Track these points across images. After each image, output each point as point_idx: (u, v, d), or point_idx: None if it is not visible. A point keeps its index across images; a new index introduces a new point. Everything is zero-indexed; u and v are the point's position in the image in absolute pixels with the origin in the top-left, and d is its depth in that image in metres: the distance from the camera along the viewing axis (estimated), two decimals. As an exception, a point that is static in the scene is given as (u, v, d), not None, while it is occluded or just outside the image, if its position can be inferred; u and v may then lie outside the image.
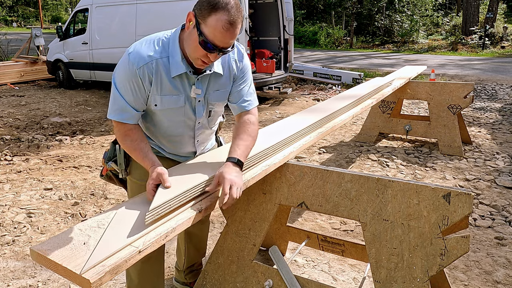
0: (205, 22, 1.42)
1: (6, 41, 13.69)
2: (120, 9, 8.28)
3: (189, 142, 1.81)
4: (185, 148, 1.84)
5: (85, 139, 5.58)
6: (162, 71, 1.56)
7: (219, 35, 1.42)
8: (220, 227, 3.16)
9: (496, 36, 18.48)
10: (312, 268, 2.64)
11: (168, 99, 1.62)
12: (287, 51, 8.45)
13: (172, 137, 1.78)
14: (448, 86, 4.73)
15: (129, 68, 1.54)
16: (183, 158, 1.87)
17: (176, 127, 1.73)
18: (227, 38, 1.43)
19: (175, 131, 1.74)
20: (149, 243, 1.24)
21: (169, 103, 1.63)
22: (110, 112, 1.63)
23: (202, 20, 1.42)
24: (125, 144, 1.63)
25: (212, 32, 1.42)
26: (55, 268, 1.14)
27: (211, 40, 1.43)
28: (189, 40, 1.50)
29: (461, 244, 1.58)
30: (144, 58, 1.53)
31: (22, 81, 10.45)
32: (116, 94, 1.58)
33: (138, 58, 1.53)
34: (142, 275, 1.93)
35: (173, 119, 1.70)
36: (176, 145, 1.81)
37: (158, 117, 1.69)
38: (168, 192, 1.43)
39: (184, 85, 1.63)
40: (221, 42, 1.44)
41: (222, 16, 1.40)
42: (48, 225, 3.19)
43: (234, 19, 1.41)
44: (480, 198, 3.59)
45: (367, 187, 1.78)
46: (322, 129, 2.47)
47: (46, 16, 37.72)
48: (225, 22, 1.40)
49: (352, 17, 22.14)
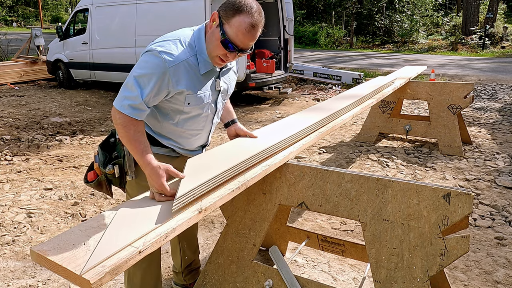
0: (228, 23, 1.50)
1: (6, 41, 13.69)
2: (120, 9, 8.28)
3: (205, 135, 1.92)
4: (200, 141, 1.92)
5: (85, 139, 5.58)
6: (192, 69, 1.62)
7: (241, 36, 1.51)
8: (220, 227, 3.16)
9: (496, 36, 18.48)
10: (312, 268, 2.64)
11: (199, 96, 1.68)
12: (287, 51, 8.45)
13: (193, 132, 1.82)
14: (448, 86, 4.73)
15: (161, 66, 1.53)
16: (194, 152, 1.93)
17: (199, 122, 1.80)
18: (247, 39, 1.52)
19: (198, 125, 1.81)
20: (149, 243, 1.24)
21: (199, 100, 1.69)
22: (121, 104, 1.55)
23: (226, 21, 1.51)
24: (128, 132, 1.54)
25: (235, 32, 1.50)
26: (55, 269, 1.14)
27: (233, 40, 1.51)
28: (211, 38, 1.58)
29: (461, 244, 1.58)
30: (177, 57, 1.56)
31: (22, 81, 10.45)
32: (135, 90, 1.53)
33: (171, 57, 1.54)
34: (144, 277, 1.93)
35: (198, 115, 1.76)
36: (193, 139, 1.86)
37: (185, 115, 1.72)
38: (191, 182, 1.48)
39: (211, 81, 1.72)
40: (242, 43, 1.52)
41: (246, 18, 1.49)
42: (48, 225, 3.19)
43: (257, 22, 1.51)
44: (480, 198, 3.59)
45: (367, 187, 1.78)
46: (322, 129, 2.47)
47: (46, 16, 37.72)
48: (248, 24, 1.49)
49: (352, 17, 22.14)
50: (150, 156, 1.55)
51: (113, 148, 1.82)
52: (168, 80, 1.56)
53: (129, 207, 1.44)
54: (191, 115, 1.74)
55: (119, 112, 1.56)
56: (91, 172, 1.85)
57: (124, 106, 1.54)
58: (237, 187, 1.62)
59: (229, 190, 1.59)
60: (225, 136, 5.72)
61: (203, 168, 1.63)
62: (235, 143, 1.99)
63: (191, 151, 1.92)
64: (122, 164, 1.78)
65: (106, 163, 1.79)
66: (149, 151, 1.57)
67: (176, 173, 1.55)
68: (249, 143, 1.98)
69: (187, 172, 1.59)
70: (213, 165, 1.66)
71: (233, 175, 1.68)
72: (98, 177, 1.82)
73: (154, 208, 1.43)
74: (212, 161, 1.72)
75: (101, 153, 1.82)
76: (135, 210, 1.42)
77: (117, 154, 1.80)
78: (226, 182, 1.63)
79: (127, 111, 1.54)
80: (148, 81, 1.53)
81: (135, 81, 1.53)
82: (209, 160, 1.74)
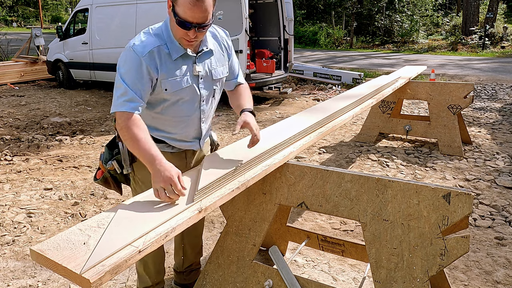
0: (176, 3, 1.56)
1: (6, 41, 13.69)
2: (120, 9, 8.28)
3: (196, 122, 1.90)
4: (192, 131, 1.91)
5: (85, 139, 5.58)
6: (165, 55, 1.67)
7: (189, 12, 1.54)
8: (220, 227, 3.16)
9: (496, 36, 18.47)
10: (312, 268, 2.64)
11: (175, 81, 1.71)
12: (287, 51, 8.44)
13: (181, 119, 1.84)
14: (448, 86, 4.73)
15: (135, 58, 1.61)
16: (189, 143, 1.94)
17: (184, 108, 1.81)
18: (197, 12, 1.54)
19: (184, 112, 1.82)
20: (149, 242, 1.24)
21: (177, 85, 1.72)
22: (116, 105, 1.61)
23: (175, 2, 1.56)
24: (130, 132, 1.57)
25: (183, 10, 1.54)
26: (55, 268, 1.14)
27: (184, 18, 1.56)
28: (171, 23, 1.66)
29: (461, 244, 1.58)
30: (147, 46, 1.64)
31: (22, 81, 10.45)
32: (123, 87, 1.61)
33: (141, 47, 1.63)
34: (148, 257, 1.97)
35: (183, 100, 1.78)
36: (184, 128, 1.88)
37: (168, 102, 1.76)
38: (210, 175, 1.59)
39: (187, 66, 1.74)
40: (193, 17, 1.55)
41: None
42: (48, 225, 3.19)
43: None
44: (480, 198, 3.59)
45: (367, 187, 1.78)
46: (322, 129, 2.47)
47: (46, 16, 37.71)
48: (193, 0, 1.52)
49: (352, 17, 22.13)
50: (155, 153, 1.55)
51: (116, 146, 1.91)
52: (147, 68, 1.62)
53: (129, 206, 1.44)
54: (172, 101, 1.76)
55: (117, 114, 1.61)
56: (99, 171, 1.95)
57: (119, 104, 1.60)
58: (237, 187, 1.62)
59: (229, 190, 1.60)
60: (225, 136, 5.72)
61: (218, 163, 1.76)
62: (240, 145, 2.01)
63: (185, 142, 1.92)
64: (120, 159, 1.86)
65: (107, 161, 1.89)
66: (154, 148, 1.56)
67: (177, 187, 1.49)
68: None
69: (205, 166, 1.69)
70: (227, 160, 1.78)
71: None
72: (103, 174, 1.92)
73: (154, 207, 1.43)
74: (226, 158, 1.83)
75: (107, 151, 1.91)
76: (135, 209, 1.42)
77: (117, 151, 1.89)
78: (229, 182, 1.64)
79: (123, 108, 1.59)
80: (131, 74, 1.61)
81: (120, 79, 1.62)
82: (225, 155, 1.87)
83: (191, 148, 1.96)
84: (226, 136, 5.75)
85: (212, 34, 1.87)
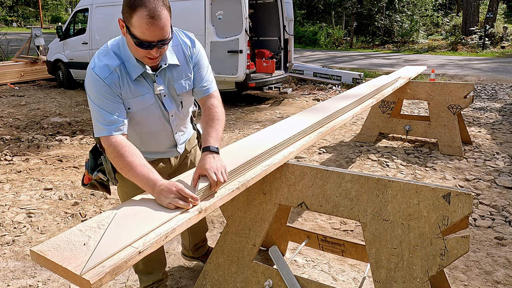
0: (131, 25, 1.46)
1: (6, 41, 13.69)
2: (120, 9, 8.27)
3: (168, 135, 1.86)
4: (166, 142, 1.88)
5: (85, 139, 5.58)
6: (124, 76, 1.61)
7: (147, 32, 1.45)
8: (220, 227, 3.16)
9: (496, 36, 18.46)
10: (312, 268, 2.64)
11: (138, 100, 1.66)
12: (287, 51, 8.44)
13: (152, 135, 1.82)
14: (448, 86, 4.73)
15: (98, 82, 1.57)
16: (165, 154, 1.93)
17: (153, 124, 1.77)
18: (155, 31, 1.46)
19: (153, 128, 1.79)
20: (149, 243, 1.24)
21: (140, 104, 1.67)
22: (98, 131, 1.58)
23: (129, 23, 1.47)
24: (124, 161, 1.51)
25: (140, 31, 1.45)
26: (55, 269, 1.14)
27: (143, 39, 1.47)
28: (129, 44, 1.56)
29: (461, 244, 1.58)
30: (107, 68, 1.58)
31: (22, 81, 10.45)
32: (98, 111, 1.58)
33: (102, 70, 1.57)
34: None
35: (149, 118, 1.74)
36: (156, 142, 1.86)
37: (135, 120, 1.72)
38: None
39: (148, 84, 1.68)
40: (152, 37, 1.47)
41: (142, 13, 1.43)
42: (48, 225, 3.19)
43: (154, 11, 1.43)
44: (480, 198, 3.59)
45: (367, 187, 1.78)
46: (322, 129, 2.47)
47: (46, 16, 37.70)
48: (147, 18, 1.43)
49: (352, 17, 22.13)
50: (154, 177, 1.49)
51: (99, 155, 1.87)
52: (111, 89, 1.58)
53: (129, 207, 1.44)
54: (138, 119, 1.72)
55: (102, 140, 1.57)
56: (86, 177, 1.95)
57: (101, 130, 1.57)
58: (237, 187, 1.62)
59: (229, 190, 1.60)
60: (225, 136, 5.72)
61: None
62: (240, 145, 2.00)
63: (160, 153, 1.91)
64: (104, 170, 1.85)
65: (93, 169, 1.87)
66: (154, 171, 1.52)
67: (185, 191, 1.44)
68: (251, 144, 1.99)
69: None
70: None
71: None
72: (90, 181, 1.92)
73: (154, 208, 1.43)
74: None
75: (92, 158, 1.88)
76: (135, 210, 1.42)
77: (101, 161, 1.86)
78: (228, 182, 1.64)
79: (105, 132, 1.56)
80: (100, 97, 1.57)
81: (93, 105, 1.60)
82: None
83: (169, 156, 1.95)
84: (226, 136, 5.75)
85: (175, 45, 1.74)
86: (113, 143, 1.54)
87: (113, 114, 1.57)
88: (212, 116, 1.76)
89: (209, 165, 1.55)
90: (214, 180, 1.51)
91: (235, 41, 7.08)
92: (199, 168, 1.56)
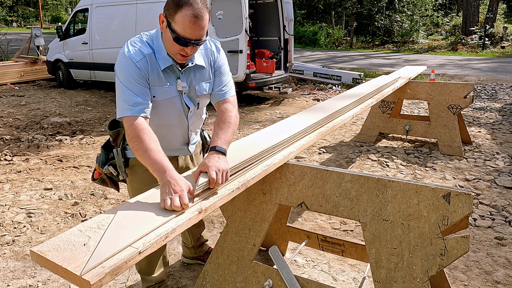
0: (174, 20, 1.56)
1: (6, 41, 13.68)
2: (120, 9, 8.27)
3: (183, 131, 1.93)
4: (180, 138, 1.95)
5: (85, 139, 5.58)
6: (155, 63, 1.71)
7: (188, 29, 1.56)
8: (220, 227, 3.16)
9: (496, 36, 18.46)
10: (312, 268, 2.64)
11: (163, 89, 1.75)
12: (287, 51, 8.44)
13: (169, 128, 1.87)
14: (448, 86, 4.73)
15: (130, 64, 1.65)
16: (177, 151, 1.98)
17: (172, 117, 1.84)
18: (196, 30, 1.57)
19: (172, 121, 1.85)
20: (149, 244, 1.24)
21: (164, 94, 1.76)
22: (122, 111, 1.62)
23: (171, 19, 1.57)
24: (141, 142, 1.54)
25: (182, 27, 1.56)
26: (55, 269, 1.14)
27: (183, 35, 1.57)
28: (165, 39, 1.66)
29: (461, 244, 1.58)
30: (140, 53, 1.67)
31: (22, 81, 10.45)
32: (126, 92, 1.64)
33: (135, 54, 1.66)
34: None
35: (170, 110, 1.81)
36: (172, 136, 1.91)
37: (156, 110, 1.77)
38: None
39: (173, 78, 1.77)
40: (192, 35, 1.58)
41: (187, 11, 1.53)
42: (48, 225, 3.19)
43: (199, 12, 1.54)
44: (480, 198, 3.59)
45: (367, 187, 1.78)
46: (322, 128, 2.47)
47: (46, 16, 37.69)
48: (191, 17, 1.53)
49: (352, 17, 22.12)
50: (166, 163, 1.52)
51: (111, 149, 1.94)
52: (143, 72, 1.66)
53: (129, 207, 1.44)
54: (160, 110, 1.79)
55: (125, 120, 1.61)
56: (97, 171, 2.01)
57: (125, 110, 1.62)
58: (237, 187, 1.62)
59: (229, 190, 1.59)
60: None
61: None
62: (240, 144, 2.00)
63: (172, 150, 1.94)
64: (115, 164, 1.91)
65: (105, 164, 1.93)
66: (165, 159, 1.54)
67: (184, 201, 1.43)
68: (251, 143, 1.99)
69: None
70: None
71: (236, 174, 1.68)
72: (100, 176, 1.98)
73: (154, 209, 1.43)
74: None
75: (103, 153, 1.95)
76: (135, 210, 1.42)
77: (112, 155, 1.92)
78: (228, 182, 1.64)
79: (129, 112, 1.61)
80: (129, 79, 1.64)
81: (121, 86, 1.65)
82: None
83: (180, 154, 2.01)
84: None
85: (204, 48, 1.85)
86: (135, 124, 1.59)
87: (139, 96, 1.64)
88: (224, 119, 1.81)
89: (212, 163, 1.57)
90: (213, 178, 1.52)
91: (235, 41, 7.08)
92: (202, 165, 1.59)
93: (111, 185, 2.03)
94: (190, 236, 2.53)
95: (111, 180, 2.00)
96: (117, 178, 1.97)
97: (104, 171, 1.93)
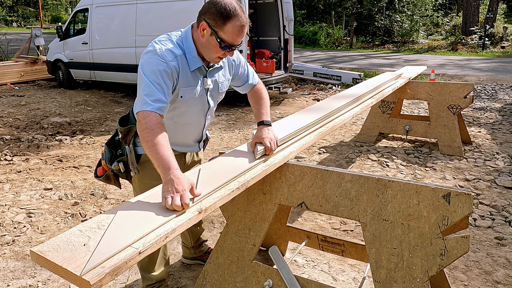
0: (223, 30, 1.69)
1: (6, 41, 13.68)
2: (120, 9, 8.27)
3: (199, 129, 2.05)
4: (195, 135, 2.06)
5: (85, 139, 5.58)
6: (184, 65, 1.78)
7: (236, 38, 1.71)
8: (220, 227, 3.16)
9: (496, 36, 18.46)
10: (312, 268, 2.64)
11: (190, 90, 1.83)
12: (287, 51, 8.44)
13: (186, 126, 1.97)
14: (448, 86, 4.73)
15: (161, 62, 1.69)
16: (190, 147, 2.08)
17: (193, 115, 1.94)
18: (240, 37, 1.74)
19: (191, 119, 1.95)
20: (149, 244, 1.24)
21: (191, 94, 1.84)
22: (142, 104, 1.63)
23: (219, 29, 1.69)
24: (153, 135, 1.56)
25: (231, 36, 1.70)
26: (55, 270, 1.14)
27: (231, 43, 1.72)
28: (207, 45, 1.75)
29: (461, 244, 1.58)
30: (172, 53, 1.74)
31: (22, 81, 10.44)
32: (150, 86, 1.66)
33: (167, 54, 1.72)
34: None
35: (192, 109, 1.91)
36: (188, 133, 2.02)
37: (179, 109, 1.87)
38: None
39: (200, 78, 1.87)
40: (237, 41, 1.75)
41: (236, 22, 1.68)
42: (48, 225, 3.19)
43: (244, 21, 1.72)
44: (480, 198, 3.59)
45: (367, 187, 1.78)
46: (322, 128, 2.47)
47: (46, 16, 37.68)
48: (239, 27, 1.69)
49: (352, 17, 22.12)
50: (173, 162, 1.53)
51: (118, 146, 1.99)
52: (171, 73, 1.72)
53: (129, 207, 1.44)
54: (183, 109, 1.87)
55: (143, 113, 1.62)
56: (100, 168, 2.06)
57: (146, 104, 1.64)
58: (237, 187, 1.62)
59: (229, 190, 1.59)
60: (225, 136, 5.72)
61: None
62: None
63: (186, 147, 2.05)
64: (126, 161, 1.95)
65: (112, 160, 1.97)
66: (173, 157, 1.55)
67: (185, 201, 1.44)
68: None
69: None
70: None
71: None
72: (106, 172, 2.03)
73: (154, 209, 1.43)
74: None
75: (108, 150, 1.99)
76: (135, 210, 1.42)
77: (121, 152, 1.97)
78: (229, 182, 1.64)
79: (149, 107, 1.63)
80: (157, 76, 1.68)
81: (147, 79, 1.67)
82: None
83: (192, 150, 2.11)
84: (226, 136, 5.75)
85: None
86: (150, 116, 1.61)
87: (162, 94, 1.67)
88: (260, 96, 2.12)
89: (265, 135, 1.91)
90: (269, 146, 1.88)
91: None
92: (256, 137, 1.91)
93: (115, 182, 2.07)
94: (190, 236, 2.55)
95: (116, 178, 2.05)
96: (123, 175, 2.00)
97: (113, 167, 1.96)
